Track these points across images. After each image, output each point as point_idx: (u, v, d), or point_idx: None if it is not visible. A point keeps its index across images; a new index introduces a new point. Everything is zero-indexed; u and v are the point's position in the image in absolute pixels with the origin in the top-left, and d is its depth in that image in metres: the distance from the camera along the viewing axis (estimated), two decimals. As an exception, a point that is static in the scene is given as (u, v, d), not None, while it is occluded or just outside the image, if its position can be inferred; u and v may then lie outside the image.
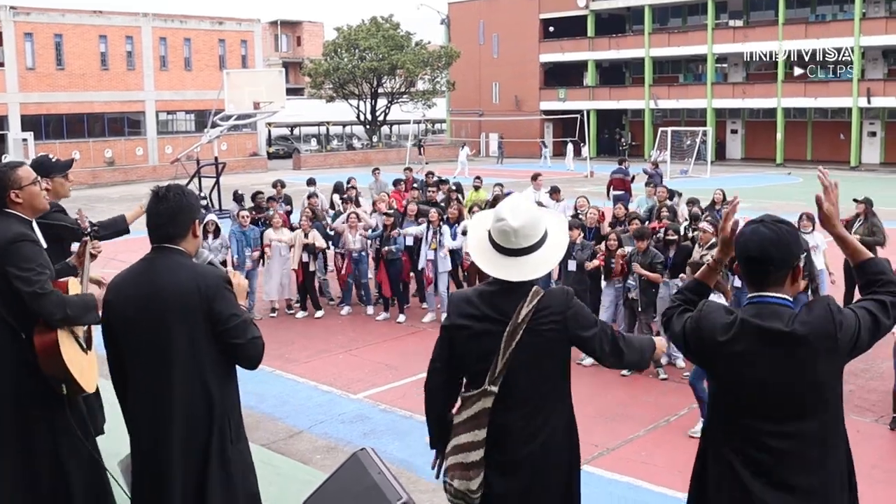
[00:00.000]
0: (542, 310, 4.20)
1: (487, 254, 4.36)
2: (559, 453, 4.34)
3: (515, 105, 65.85)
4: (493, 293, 4.33)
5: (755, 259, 3.72)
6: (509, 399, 4.24)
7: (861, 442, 9.35)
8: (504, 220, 4.26)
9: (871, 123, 54.51)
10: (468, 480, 4.29)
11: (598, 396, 10.84)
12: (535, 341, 4.18)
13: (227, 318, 4.45)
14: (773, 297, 3.72)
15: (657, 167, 26.44)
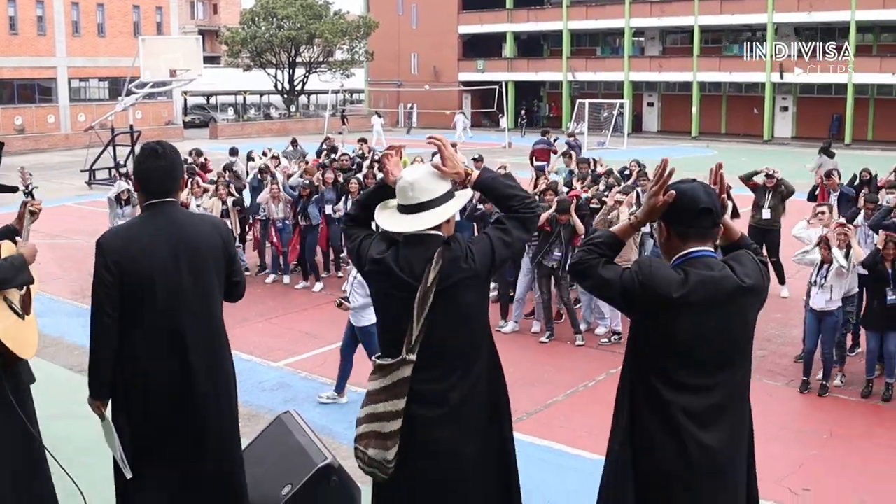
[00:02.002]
0: (449, 265, 4.15)
1: (391, 215, 4.40)
2: (480, 399, 4.32)
3: (434, 76, 65.67)
4: (402, 250, 4.28)
5: (709, 210, 3.82)
6: (429, 364, 4.18)
7: (773, 404, 9.74)
8: (402, 177, 4.33)
9: (783, 98, 55.62)
10: (385, 450, 4.19)
11: (518, 363, 10.97)
12: (448, 300, 4.14)
13: (234, 257, 5.03)
14: (709, 252, 3.85)
15: (575, 138, 26.74)
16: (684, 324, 3.76)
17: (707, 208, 3.80)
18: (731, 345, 3.83)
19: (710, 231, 3.87)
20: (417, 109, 62.87)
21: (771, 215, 13.91)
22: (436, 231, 4.26)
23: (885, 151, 41.09)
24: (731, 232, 4.07)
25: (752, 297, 3.82)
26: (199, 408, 4.77)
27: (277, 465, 5.34)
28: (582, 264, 3.98)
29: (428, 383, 4.20)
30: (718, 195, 3.89)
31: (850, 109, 50.25)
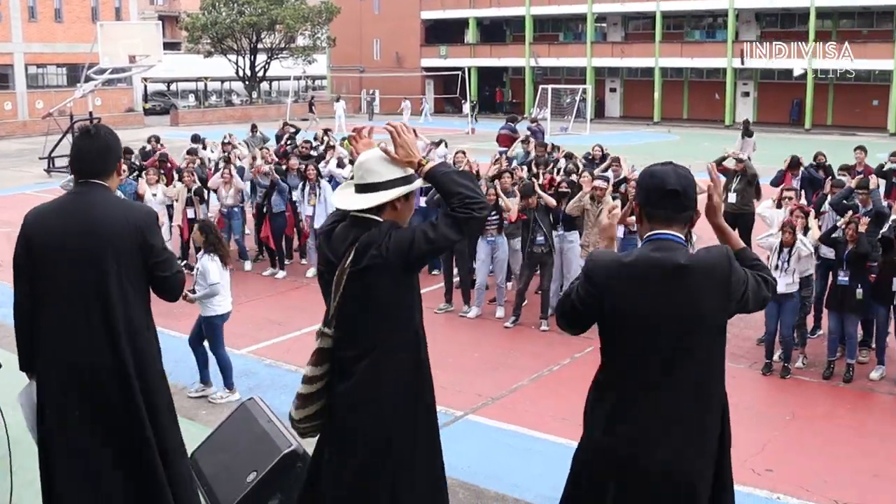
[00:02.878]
0: (362, 249, 4.16)
1: (344, 189, 4.45)
2: (394, 387, 4.27)
3: (396, 62, 65.50)
4: (338, 229, 4.34)
5: (675, 192, 3.80)
6: (344, 342, 4.25)
7: (736, 386, 9.71)
8: (359, 156, 4.39)
9: (744, 84, 56.04)
10: (295, 409, 4.37)
11: (481, 347, 11.00)
12: (359, 283, 4.15)
13: (158, 251, 4.74)
14: (674, 235, 3.83)
15: (538, 124, 26.78)
16: (620, 300, 3.79)
17: (674, 190, 3.79)
18: (682, 328, 3.75)
19: (676, 215, 3.85)
20: (380, 95, 62.61)
21: (738, 199, 14.04)
22: (375, 216, 4.27)
23: (843, 136, 41.52)
24: (731, 239, 4.08)
25: (698, 277, 3.74)
26: (103, 385, 4.64)
27: (242, 452, 5.31)
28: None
29: (345, 362, 4.26)
30: (714, 188, 3.97)
31: (809, 95, 50.70)
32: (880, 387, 9.93)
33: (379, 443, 4.24)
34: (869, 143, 23.58)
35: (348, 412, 4.25)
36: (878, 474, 7.74)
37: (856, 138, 33.10)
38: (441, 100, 62.23)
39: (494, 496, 7.12)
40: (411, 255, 4.18)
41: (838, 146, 19.75)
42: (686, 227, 3.93)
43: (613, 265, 3.83)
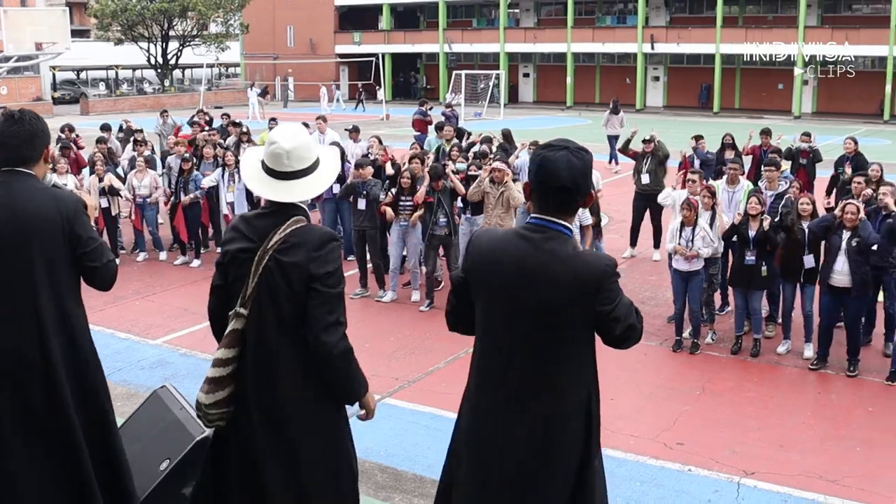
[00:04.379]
0: (290, 241, 4.15)
1: (260, 177, 4.33)
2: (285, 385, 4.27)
3: (310, 48, 65.05)
4: (258, 216, 4.32)
5: (567, 189, 3.74)
6: (259, 322, 4.21)
7: (649, 363, 10.07)
8: (276, 142, 4.26)
9: (654, 69, 56.96)
10: (205, 394, 4.26)
11: (397, 331, 11.06)
12: (277, 272, 4.14)
13: (86, 240, 4.57)
14: (559, 225, 3.79)
15: (452, 109, 26.92)
16: (477, 277, 3.88)
17: (564, 187, 3.73)
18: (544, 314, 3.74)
19: (567, 207, 3.81)
20: (294, 82, 62.12)
21: (650, 179, 14.32)
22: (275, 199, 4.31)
23: (751, 119, 42.38)
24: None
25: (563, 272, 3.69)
26: (30, 380, 4.53)
27: (155, 441, 5.25)
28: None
29: (253, 342, 4.24)
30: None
31: (717, 79, 51.71)
32: (786, 360, 10.23)
33: (310, 420, 4.31)
34: (774, 125, 24.19)
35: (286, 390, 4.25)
36: (783, 444, 7.99)
37: (762, 121, 33.91)
38: (355, 86, 61.98)
39: (412, 478, 7.18)
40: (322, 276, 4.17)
41: (745, 128, 20.17)
42: (575, 214, 3.93)
43: (487, 244, 3.88)
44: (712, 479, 7.29)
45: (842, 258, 9.59)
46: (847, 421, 8.65)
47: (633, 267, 14.42)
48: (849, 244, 9.54)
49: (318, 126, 18.49)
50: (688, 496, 7.03)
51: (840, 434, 8.30)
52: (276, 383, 4.24)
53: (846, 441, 8.14)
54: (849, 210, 9.57)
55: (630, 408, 8.74)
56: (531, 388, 3.80)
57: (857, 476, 7.38)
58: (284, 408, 4.25)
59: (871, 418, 8.74)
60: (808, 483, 7.23)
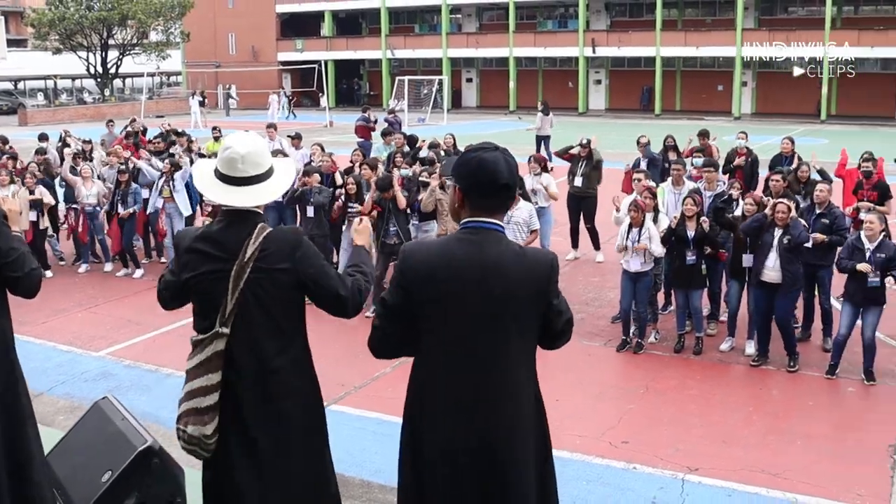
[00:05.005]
0: (267, 248, 4.14)
1: (215, 184, 4.27)
2: (287, 390, 4.29)
3: (253, 56, 64.70)
4: (221, 230, 4.23)
5: (507, 186, 3.75)
6: (242, 339, 4.15)
7: (593, 364, 10.16)
8: (231, 147, 4.22)
9: (596, 72, 57.45)
10: (203, 426, 4.13)
11: (343, 337, 11.01)
12: (263, 280, 4.12)
13: (6, 251, 4.54)
14: (495, 224, 3.80)
15: (395, 115, 26.98)
16: (420, 291, 3.79)
17: (506, 184, 3.75)
18: (498, 319, 3.75)
19: (504, 204, 3.84)
20: (237, 90, 61.71)
21: (584, 182, 14.47)
22: (256, 208, 4.27)
23: (691, 120, 42.88)
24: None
25: (515, 270, 3.72)
26: None
27: (97, 453, 5.21)
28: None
29: (244, 357, 4.18)
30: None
31: (658, 81, 52.28)
32: (729, 358, 10.38)
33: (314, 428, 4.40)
34: (715, 126, 24.49)
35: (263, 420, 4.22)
36: (726, 440, 8.10)
37: (703, 122, 34.33)
38: (298, 93, 61.70)
39: (359, 483, 7.18)
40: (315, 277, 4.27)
41: (687, 129, 20.44)
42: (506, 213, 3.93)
43: (426, 257, 3.81)
44: (657, 477, 7.38)
45: (773, 255, 9.76)
46: (788, 415, 8.80)
47: (577, 269, 14.54)
48: (780, 242, 9.71)
49: (269, 133, 18.48)
50: (633, 494, 7.10)
51: (781, 428, 8.44)
52: (273, 396, 4.22)
53: (787, 435, 8.27)
54: (780, 209, 9.75)
55: (576, 408, 8.81)
56: (494, 391, 3.79)
57: (797, 469, 7.50)
58: (286, 420, 4.27)
59: (811, 412, 8.91)
60: (751, 477, 7.34)
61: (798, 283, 10.04)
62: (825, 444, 8.10)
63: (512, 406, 3.81)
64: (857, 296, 9.45)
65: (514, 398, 3.82)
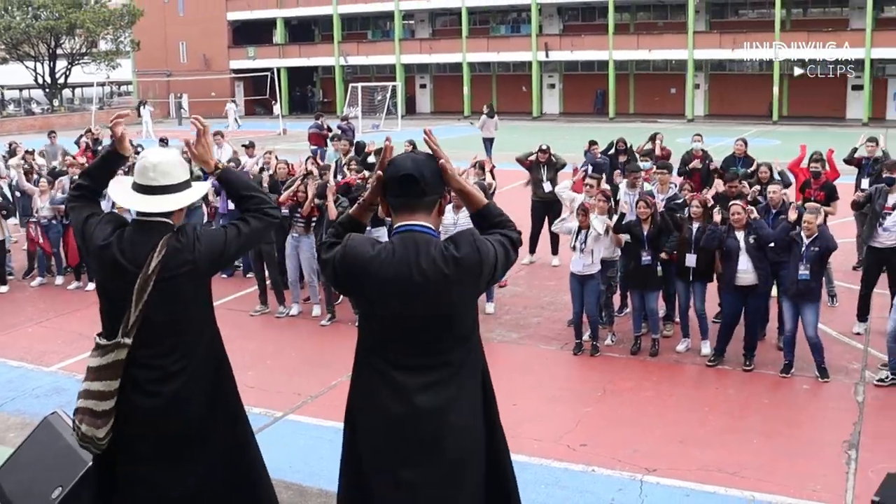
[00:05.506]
0: (171, 255, 4.18)
1: (126, 191, 4.37)
2: (188, 395, 4.34)
3: (204, 64, 64.20)
4: (129, 237, 4.27)
5: (410, 177, 3.72)
6: (146, 348, 4.21)
7: (550, 367, 10.19)
8: (144, 157, 4.32)
9: (549, 76, 57.64)
10: (96, 428, 4.23)
11: (298, 346, 11.01)
12: (168, 289, 4.15)
13: None
14: (422, 226, 3.77)
15: (348, 122, 26.94)
16: (380, 296, 3.75)
17: (409, 175, 3.72)
18: (432, 321, 3.75)
19: (418, 202, 3.78)
20: (189, 99, 61.16)
21: (552, 188, 14.47)
22: (166, 219, 4.29)
23: (645, 123, 43.14)
24: (474, 199, 3.97)
25: (453, 276, 3.68)
26: None
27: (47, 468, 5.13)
28: (321, 247, 4.03)
29: (143, 369, 4.22)
30: (445, 162, 3.80)
31: (612, 85, 52.59)
32: (685, 358, 10.44)
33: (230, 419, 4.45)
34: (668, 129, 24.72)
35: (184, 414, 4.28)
36: (683, 440, 8.15)
37: (656, 125, 34.54)
38: (251, 101, 61.33)
39: (317, 493, 7.12)
40: (224, 255, 4.35)
41: (640, 132, 20.60)
42: (434, 214, 3.84)
43: (364, 258, 3.76)
44: (615, 478, 7.39)
45: (744, 257, 9.85)
46: (744, 414, 8.86)
47: (533, 273, 14.57)
48: (747, 242, 9.79)
49: (216, 141, 18.34)
50: (592, 496, 7.11)
51: (738, 427, 8.50)
52: (175, 401, 4.25)
53: (744, 433, 8.33)
54: (734, 211, 9.84)
55: (533, 412, 8.81)
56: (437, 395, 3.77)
57: (754, 467, 7.56)
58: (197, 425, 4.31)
59: (767, 410, 8.98)
60: (708, 476, 7.39)
61: (770, 282, 10.19)
62: (781, 442, 8.15)
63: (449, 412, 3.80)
64: (790, 290, 9.60)
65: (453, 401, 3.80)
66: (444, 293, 3.68)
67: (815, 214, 9.59)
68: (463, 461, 3.83)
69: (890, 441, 7.99)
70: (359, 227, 4.00)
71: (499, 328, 11.45)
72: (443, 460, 3.78)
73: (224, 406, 4.52)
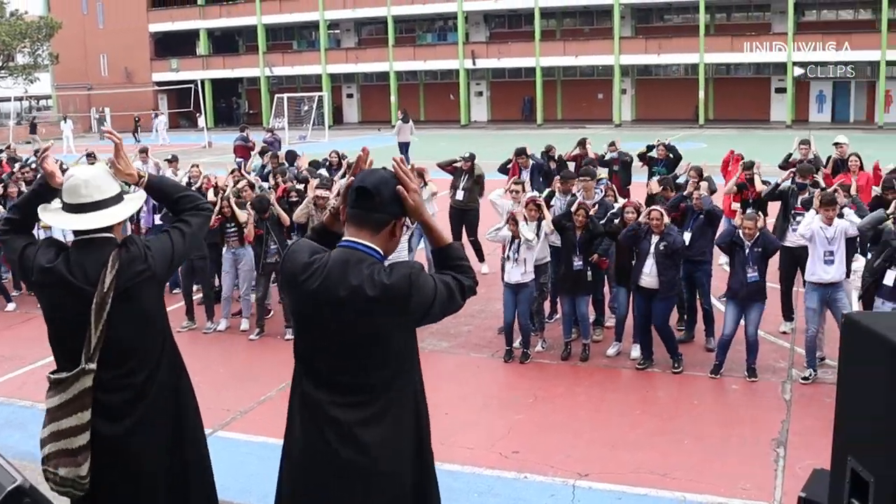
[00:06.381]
0: (125, 268, 4.08)
1: (59, 213, 4.27)
2: (166, 401, 4.32)
3: (126, 77, 63.29)
4: (76, 260, 4.15)
5: (366, 190, 3.60)
6: (111, 370, 4.09)
7: (481, 375, 10.16)
8: (73, 175, 4.22)
9: (477, 84, 57.91)
10: (77, 467, 4.07)
11: (228, 361, 10.85)
12: (127, 303, 4.06)
13: None
14: (365, 246, 3.65)
15: (274, 134, 26.83)
16: (307, 309, 3.67)
17: (363, 188, 3.62)
18: (356, 342, 3.64)
19: (366, 217, 3.66)
20: (111, 113, 60.17)
21: (465, 196, 14.54)
22: (108, 234, 4.19)
23: (573, 129, 43.52)
24: (436, 234, 3.83)
25: (375, 302, 3.54)
26: None
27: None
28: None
29: (112, 392, 4.10)
30: (402, 188, 3.65)
31: (539, 91, 52.95)
32: (616, 362, 10.48)
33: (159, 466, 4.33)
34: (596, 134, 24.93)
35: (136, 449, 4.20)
36: (614, 444, 8.16)
37: (584, 130, 34.85)
38: (175, 114, 60.63)
39: (247, 510, 7.00)
40: (174, 258, 4.32)
41: (568, 138, 20.75)
42: (383, 235, 3.71)
43: (297, 272, 3.68)
44: (548, 484, 7.37)
45: (650, 261, 9.92)
46: (674, 416, 8.91)
47: (463, 281, 14.50)
48: (657, 248, 9.87)
49: (141, 158, 18.09)
50: (525, 503, 7.07)
51: (668, 429, 8.53)
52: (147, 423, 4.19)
53: (674, 435, 8.37)
54: (653, 216, 9.93)
55: (464, 420, 8.76)
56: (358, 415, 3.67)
57: (685, 468, 7.59)
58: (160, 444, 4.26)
59: (697, 412, 9.04)
60: (640, 479, 7.40)
61: (674, 290, 10.24)
62: (711, 442, 8.21)
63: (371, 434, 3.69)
64: (740, 292, 9.67)
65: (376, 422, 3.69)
66: (366, 314, 3.56)
67: (754, 220, 9.72)
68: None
69: (816, 437, 8.08)
70: (331, 235, 3.88)
71: (429, 337, 11.39)
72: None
73: (188, 421, 4.47)
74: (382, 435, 3.66)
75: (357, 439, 3.63)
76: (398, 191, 3.63)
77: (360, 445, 3.62)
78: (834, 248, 9.52)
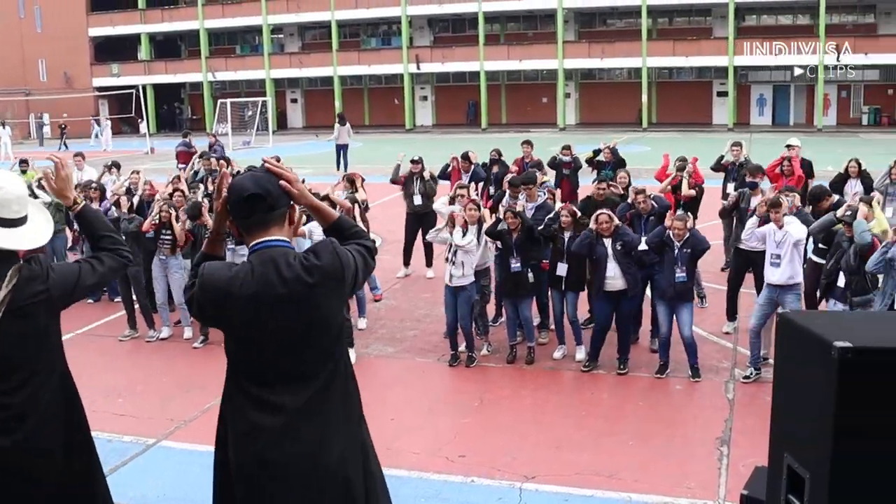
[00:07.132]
0: (23, 284, 4.02)
1: None
2: (54, 418, 4.24)
3: (66, 82, 62.34)
4: None
5: (256, 196, 3.66)
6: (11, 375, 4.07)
7: (427, 380, 10.16)
8: (3, 187, 4.12)
9: (421, 88, 57.92)
10: None
11: (171, 370, 10.72)
12: (20, 320, 4.01)
13: None
14: (277, 240, 3.71)
15: (216, 140, 26.64)
16: (246, 318, 3.66)
17: (255, 194, 3.67)
18: (307, 335, 3.68)
19: (268, 217, 3.71)
20: (50, 119, 59.19)
21: (422, 201, 14.51)
22: (11, 247, 4.16)
23: (518, 133, 43.61)
24: (324, 213, 3.96)
25: (320, 287, 3.63)
26: None
27: None
28: (185, 293, 3.96)
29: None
30: (284, 182, 3.73)
31: (483, 96, 53.11)
32: (562, 365, 10.54)
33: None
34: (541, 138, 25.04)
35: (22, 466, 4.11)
36: (560, 446, 8.19)
37: (529, 134, 34.99)
38: (117, 120, 59.88)
39: (191, 519, 6.94)
40: (77, 286, 4.24)
41: (513, 142, 20.82)
42: (286, 226, 3.80)
43: (223, 280, 3.68)
44: (494, 487, 7.38)
45: (612, 264, 9.99)
46: (620, 417, 8.97)
47: (408, 285, 14.53)
48: (615, 249, 9.94)
49: (77, 163, 17.80)
50: (472, 507, 7.09)
51: (614, 430, 8.59)
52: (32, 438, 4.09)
53: (620, 436, 8.43)
54: (601, 220, 10.01)
55: (410, 425, 8.75)
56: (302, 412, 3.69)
57: (631, 469, 7.65)
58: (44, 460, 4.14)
59: (643, 412, 9.11)
60: (586, 480, 7.44)
61: (639, 286, 10.40)
62: (656, 443, 8.27)
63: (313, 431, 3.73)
64: (668, 292, 9.80)
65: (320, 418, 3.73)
66: (310, 302, 3.63)
67: (683, 221, 9.84)
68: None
69: (758, 436, 8.13)
70: (215, 258, 3.93)
71: (375, 342, 11.37)
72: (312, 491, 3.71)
73: (78, 444, 4.35)
74: (325, 425, 3.71)
75: (299, 432, 3.67)
76: (282, 185, 3.73)
77: (303, 439, 3.68)
78: (781, 251, 9.68)
